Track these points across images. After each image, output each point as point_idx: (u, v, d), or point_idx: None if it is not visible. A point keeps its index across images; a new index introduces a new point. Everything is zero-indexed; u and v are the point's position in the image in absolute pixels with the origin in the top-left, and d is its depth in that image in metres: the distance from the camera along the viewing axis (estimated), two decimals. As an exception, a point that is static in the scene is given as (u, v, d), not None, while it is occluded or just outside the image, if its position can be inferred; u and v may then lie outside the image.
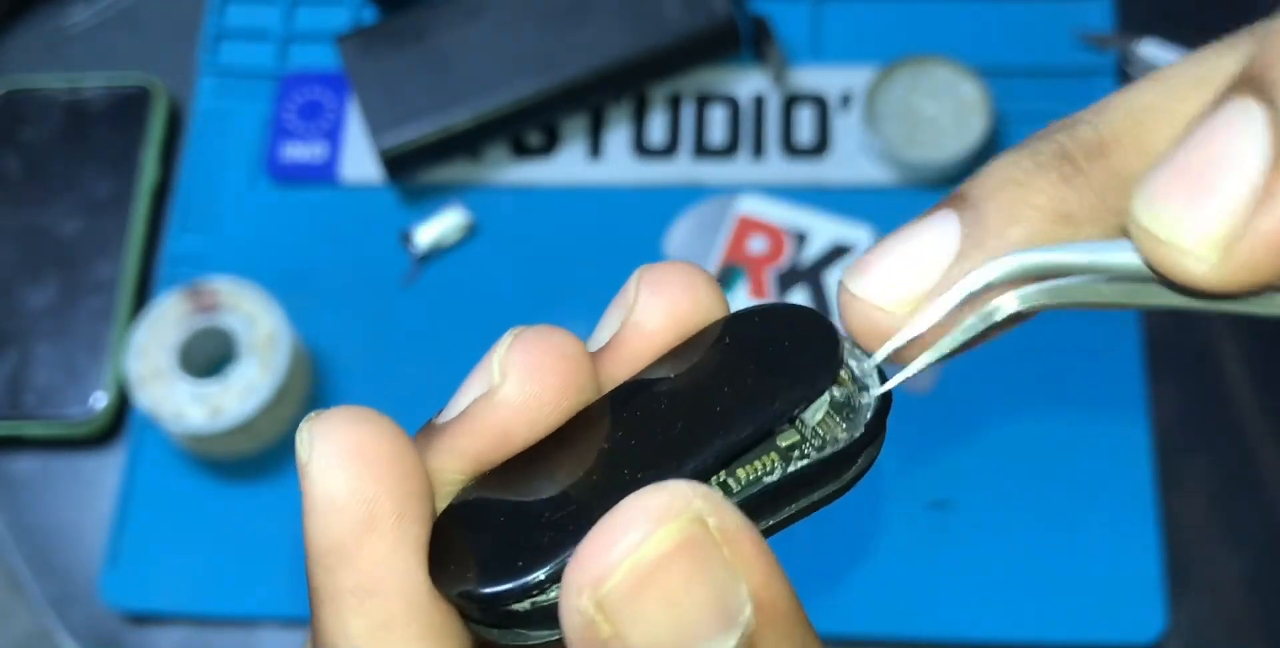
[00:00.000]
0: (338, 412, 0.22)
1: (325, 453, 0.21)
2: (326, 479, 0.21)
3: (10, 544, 0.63)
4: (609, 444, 0.21)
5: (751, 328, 0.22)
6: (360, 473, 0.20)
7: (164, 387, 0.59)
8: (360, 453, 0.21)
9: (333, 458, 0.21)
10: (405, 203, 0.68)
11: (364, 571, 0.20)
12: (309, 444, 0.21)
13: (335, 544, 0.20)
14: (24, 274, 0.67)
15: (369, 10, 0.72)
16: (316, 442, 0.21)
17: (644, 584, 0.17)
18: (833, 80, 0.68)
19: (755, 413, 0.20)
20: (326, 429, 0.21)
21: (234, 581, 0.61)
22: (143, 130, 0.70)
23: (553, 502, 0.21)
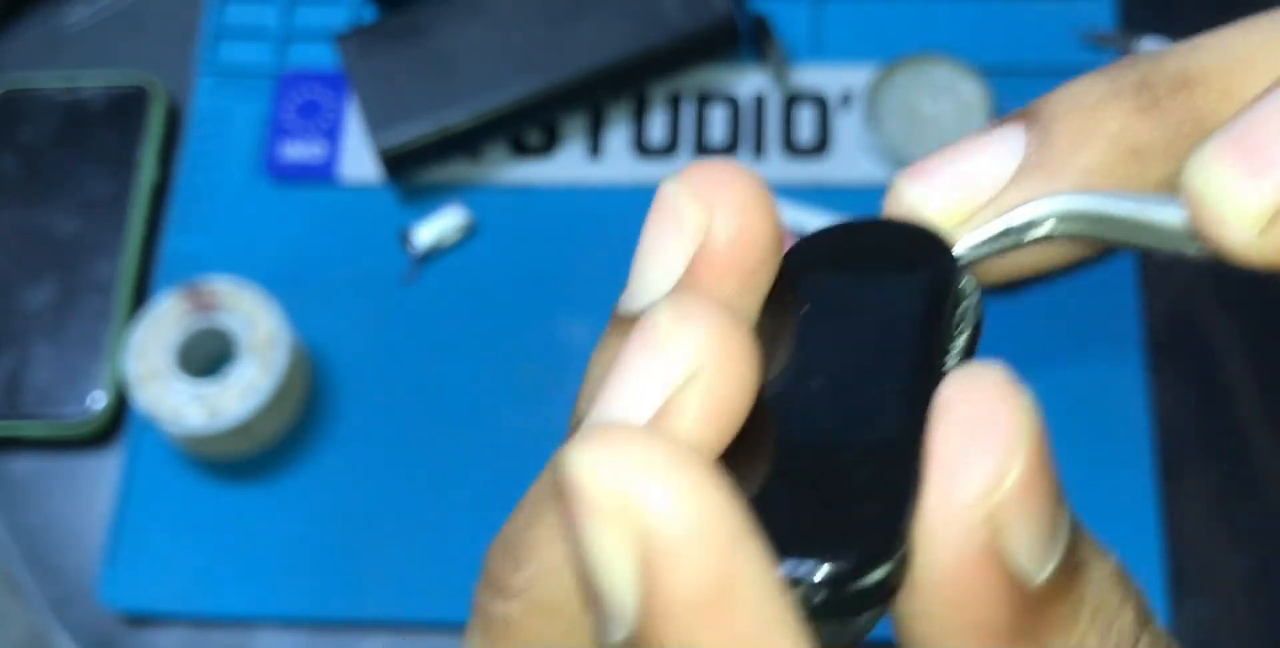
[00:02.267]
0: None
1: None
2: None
3: (8, 545, 0.63)
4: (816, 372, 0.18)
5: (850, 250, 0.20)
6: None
7: (162, 387, 0.58)
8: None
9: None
10: (405, 202, 0.68)
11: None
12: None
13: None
14: (22, 274, 0.67)
15: (368, 9, 0.71)
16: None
17: (1033, 479, 0.15)
18: (833, 79, 0.68)
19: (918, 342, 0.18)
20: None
21: (233, 581, 0.60)
22: (141, 130, 0.70)
23: (828, 447, 0.17)
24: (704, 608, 0.14)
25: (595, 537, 0.14)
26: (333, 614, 0.60)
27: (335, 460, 0.62)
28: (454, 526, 0.60)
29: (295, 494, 0.62)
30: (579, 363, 0.73)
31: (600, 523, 0.14)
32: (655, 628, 0.14)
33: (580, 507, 0.15)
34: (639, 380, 0.16)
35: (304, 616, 0.60)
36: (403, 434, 0.63)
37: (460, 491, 0.61)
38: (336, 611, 0.60)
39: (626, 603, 0.14)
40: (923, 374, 0.18)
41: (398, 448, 0.62)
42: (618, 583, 0.14)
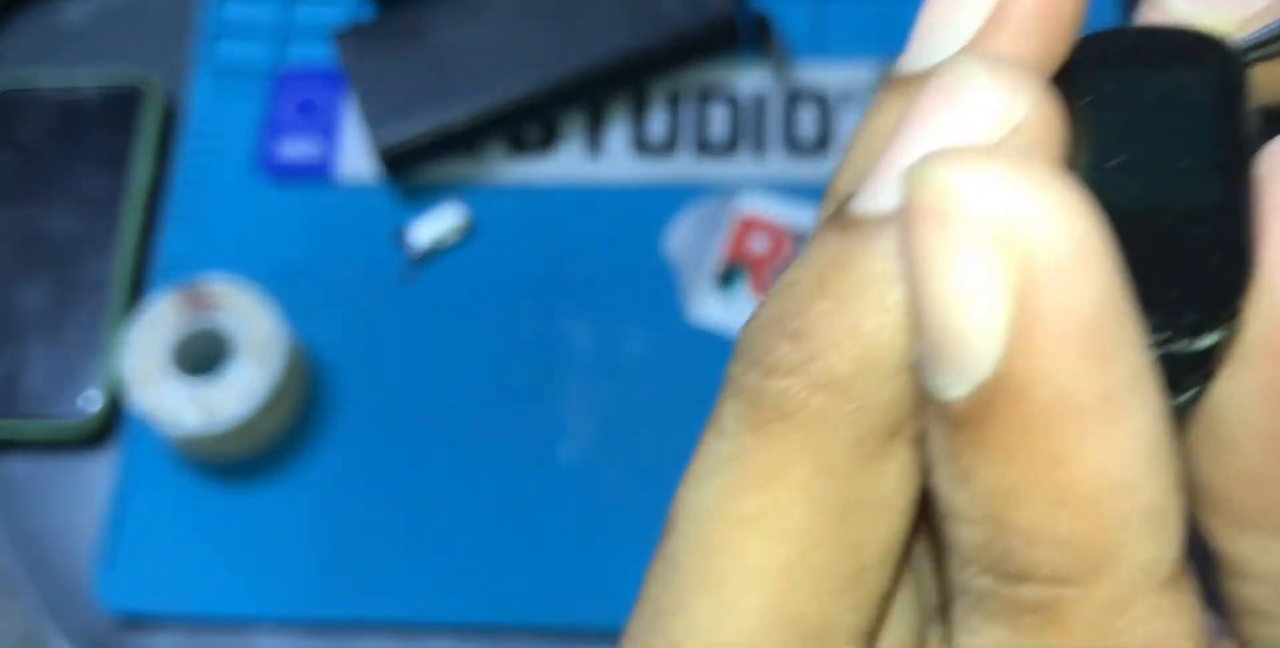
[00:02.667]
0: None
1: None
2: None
3: (4, 546, 0.63)
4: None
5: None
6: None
7: (159, 387, 0.58)
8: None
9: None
10: (403, 201, 0.67)
11: None
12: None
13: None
14: (17, 273, 0.66)
15: (366, 7, 0.71)
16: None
17: None
18: (835, 77, 0.68)
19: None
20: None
21: (230, 583, 0.60)
22: (137, 128, 0.69)
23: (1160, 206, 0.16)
24: (1084, 344, 0.13)
25: (961, 263, 0.13)
26: (330, 615, 0.60)
27: (332, 461, 0.62)
28: (452, 526, 0.60)
29: (292, 495, 0.61)
30: (579, 363, 0.73)
31: (971, 247, 0.13)
32: (1026, 373, 0.13)
33: (944, 229, 0.13)
34: (943, 133, 0.15)
35: (301, 617, 0.60)
36: (401, 435, 0.62)
37: (458, 491, 0.61)
38: (334, 612, 0.60)
39: (988, 343, 0.13)
40: (1232, 148, 0.16)
41: (395, 448, 0.62)
42: (983, 318, 0.13)
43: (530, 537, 0.60)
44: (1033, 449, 0.13)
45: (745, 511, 0.15)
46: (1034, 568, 0.14)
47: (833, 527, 0.15)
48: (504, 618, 0.59)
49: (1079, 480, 0.13)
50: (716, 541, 0.16)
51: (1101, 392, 0.13)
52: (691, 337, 0.63)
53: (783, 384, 0.15)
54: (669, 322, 0.63)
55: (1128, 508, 0.13)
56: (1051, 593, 0.14)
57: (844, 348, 0.15)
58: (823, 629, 0.15)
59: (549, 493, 0.61)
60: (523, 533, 0.60)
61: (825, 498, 0.15)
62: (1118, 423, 0.13)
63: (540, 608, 0.59)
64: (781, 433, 0.15)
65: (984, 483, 0.14)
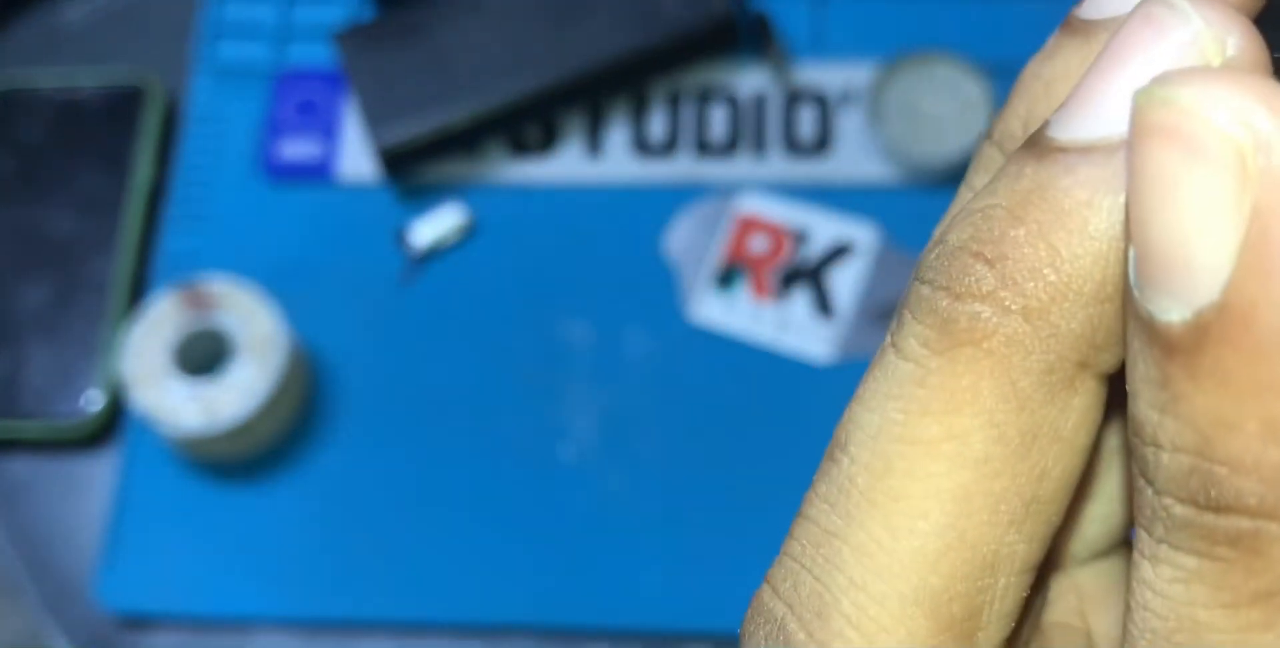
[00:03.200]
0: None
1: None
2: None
3: (4, 546, 0.63)
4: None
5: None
6: None
7: (159, 387, 0.58)
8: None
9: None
10: (403, 201, 0.67)
11: None
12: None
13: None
14: (18, 273, 0.67)
15: (366, 7, 0.71)
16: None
17: None
18: (835, 77, 0.68)
19: None
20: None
21: (230, 583, 0.60)
22: (138, 128, 0.69)
23: None
24: None
25: (1200, 182, 0.13)
26: (330, 615, 0.60)
27: (333, 461, 0.62)
28: (452, 526, 0.60)
29: (293, 495, 0.61)
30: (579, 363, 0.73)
31: (1212, 165, 0.13)
32: (1253, 300, 0.13)
33: (1180, 147, 0.13)
34: (1156, 62, 0.14)
35: (301, 617, 0.60)
36: (401, 435, 0.62)
37: (459, 491, 0.61)
38: (333, 611, 0.60)
39: (1218, 265, 0.13)
40: None
41: (396, 448, 0.62)
42: (1216, 238, 0.13)
43: (530, 536, 0.60)
44: (1251, 377, 0.13)
45: (926, 434, 0.15)
46: (1239, 498, 0.13)
47: (1014, 456, 0.15)
48: (504, 618, 0.59)
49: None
50: (894, 462, 0.15)
51: None
52: (691, 337, 0.63)
53: (976, 308, 0.15)
54: (669, 322, 0.63)
55: None
56: (1253, 525, 0.13)
57: (1042, 274, 0.15)
58: (995, 558, 0.15)
59: (549, 492, 0.61)
60: (523, 533, 0.60)
61: (1010, 426, 0.15)
62: None
63: (540, 608, 0.59)
64: (971, 358, 0.15)
65: (1194, 410, 0.13)
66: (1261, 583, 0.14)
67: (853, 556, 0.15)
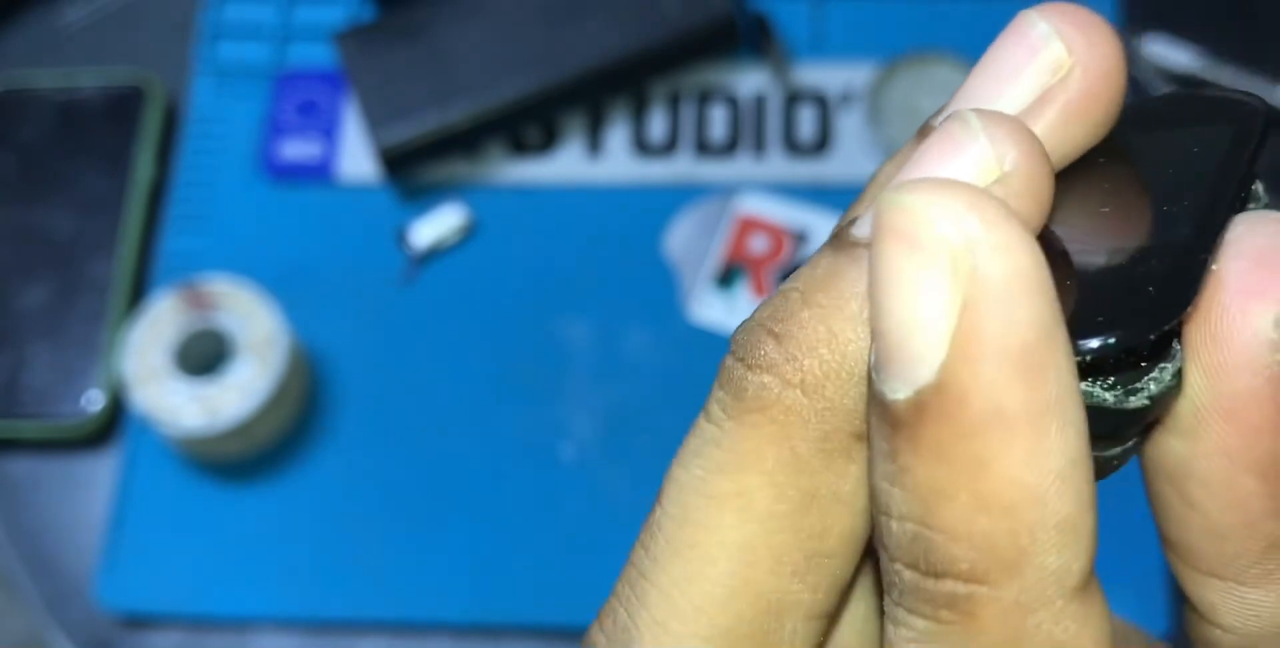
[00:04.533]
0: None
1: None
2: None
3: (5, 546, 0.63)
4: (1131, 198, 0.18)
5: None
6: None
7: (160, 387, 0.58)
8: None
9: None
10: (403, 202, 0.67)
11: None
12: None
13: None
14: (18, 273, 0.67)
15: (367, 8, 0.71)
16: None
17: None
18: (834, 78, 0.68)
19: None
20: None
21: (230, 583, 0.60)
22: (138, 128, 0.69)
23: (1133, 250, 0.17)
24: (1018, 364, 0.14)
25: (916, 277, 0.14)
26: (330, 615, 0.60)
27: (333, 461, 0.62)
28: (452, 526, 0.60)
29: (293, 495, 0.62)
30: (579, 362, 0.73)
31: (926, 263, 0.14)
32: (962, 382, 0.14)
33: (904, 246, 0.14)
34: (944, 168, 0.16)
35: (301, 616, 0.60)
36: (401, 434, 0.62)
37: (459, 491, 0.61)
38: (334, 611, 0.60)
39: (933, 350, 0.14)
40: (1218, 203, 0.17)
41: (396, 448, 0.62)
42: (930, 328, 0.14)
43: (530, 536, 0.60)
44: (961, 452, 0.14)
45: (719, 489, 0.17)
46: (952, 564, 0.15)
47: (794, 514, 0.17)
48: (503, 618, 0.59)
49: (1000, 486, 0.14)
50: (692, 513, 0.17)
51: (1029, 408, 0.14)
52: (691, 336, 0.63)
53: (763, 379, 0.16)
54: (669, 321, 0.63)
55: (1041, 517, 0.14)
56: (967, 590, 0.15)
57: (819, 353, 0.16)
58: (780, 605, 0.17)
59: (549, 492, 0.61)
60: (523, 532, 0.60)
61: (789, 487, 0.16)
62: (1040, 439, 0.14)
63: (540, 608, 0.59)
64: (756, 423, 0.16)
65: (915, 481, 0.15)
66: (981, 643, 0.15)
67: (656, 596, 0.17)
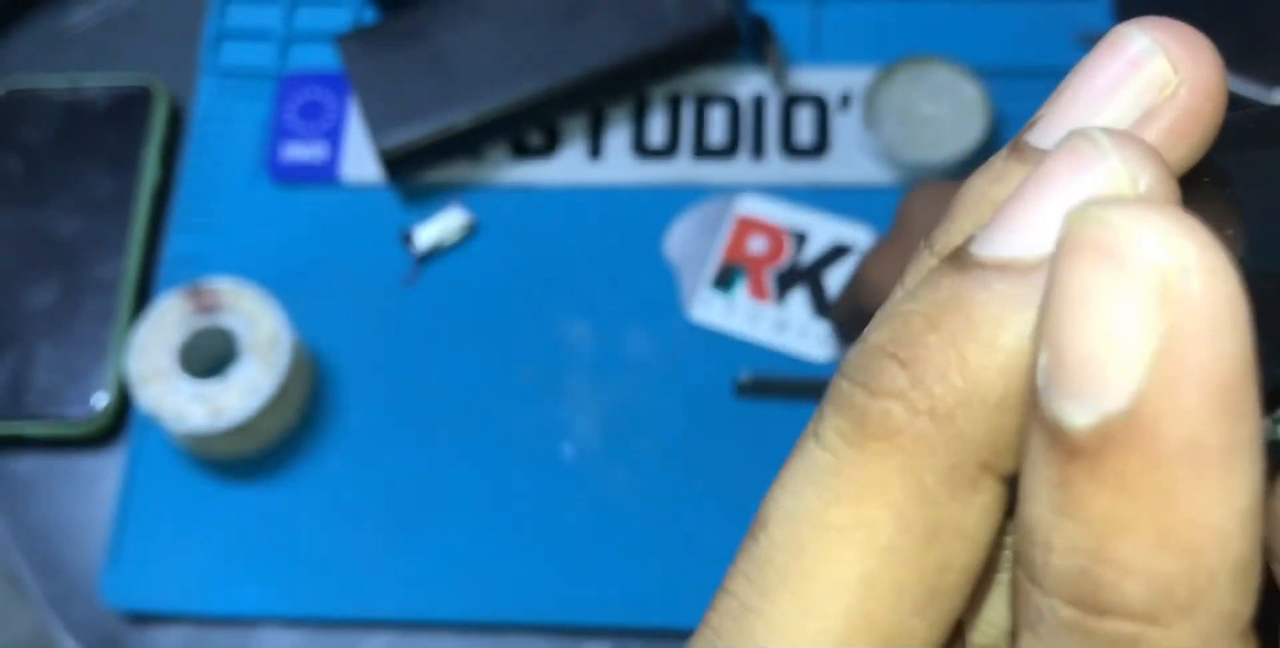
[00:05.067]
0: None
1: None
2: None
3: (11, 544, 0.63)
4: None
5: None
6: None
7: (165, 387, 0.59)
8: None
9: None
10: (406, 203, 0.68)
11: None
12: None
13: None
14: (25, 274, 0.67)
15: (369, 10, 0.72)
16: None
17: None
18: (832, 81, 0.69)
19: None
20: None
21: (235, 581, 0.61)
22: (143, 130, 0.70)
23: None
24: (1221, 397, 0.13)
25: (1115, 293, 0.14)
26: (334, 613, 0.60)
27: (336, 460, 0.63)
28: (454, 525, 0.61)
29: (297, 494, 0.62)
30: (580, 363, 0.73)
31: (1131, 281, 0.14)
32: (1159, 411, 0.13)
33: (1105, 263, 0.14)
34: (1074, 193, 0.15)
35: (305, 615, 0.60)
36: (404, 434, 0.63)
37: (461, 490, 0.61)
38: (338, 610, 0.60)
39: (1128, 375, 0.14)
40: None
41: (399, 448, 0.63)
42: (1128, 351, 0.14)
43: (532, 535, 0.60)
44: (1149, 486, 0.14)
45: (839, 520, 0.16)
46: (1125, 603, 0.14)
47: (918, 547, 0.16)
48: (506, 616, 0.59)
49: (1185, 524, 0.14)
50: (807, 544, 0.16)
51: (1225, 444, 0.14)
52: (691, 336, 0.64)
53: (888, 406, 0.16)
54: (669, 322, 0.64)
55: (1222, 558, 0.14)
56: (1135, 629, 0.14)
57: (950, 380, 0.15)
58: (898, 641, 0.16)
59: (550, 492, 0.61)
60: (524, 532, 0.61)
61: (914, 519, 0.16)
62: (1231, 477, 0.14)
63: (541, 607, 0.59)
64: (882, 453, 0.16)
65: (1093, 512, 0.14)
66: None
67: (766, 630, 0.16)
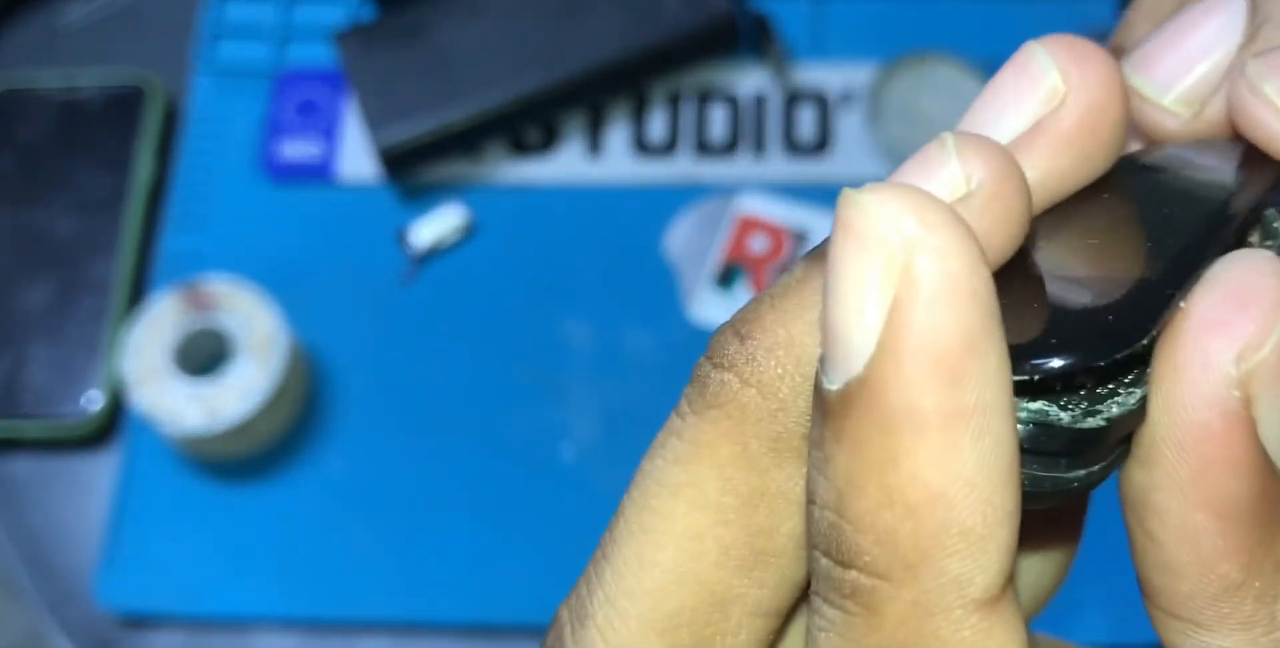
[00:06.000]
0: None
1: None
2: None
3: (5, 546, 0.63)
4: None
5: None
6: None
7: (160, 387, 0.58)
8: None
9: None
10: (403, 202, 0.67)
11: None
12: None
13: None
14: (19, 274, 0.67)
15: (367, 8, 0.71)
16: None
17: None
18: (834, 78, 0.68)
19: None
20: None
21: (230, 583, 0.60)
22: (138, 129, 0.69)
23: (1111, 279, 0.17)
24: (940, 364, 0.14)
25: (857, 268, 0.15)
26: (330, 615, 0.60)
27: (333, 461, 0.62)
28: (452, 526, 0.60)
29: (293, 495, 0.62)
30: (579, 362, 0.73)
31: (869, 257, 0.15)
32: (884, 377, 0.15)
33: (853, 242, 0.15)
34: (920, 178, 0.17)
35: (302, 616, 0.60)
36: (401, 434, 0.62)
37: (459, 491, 0.61)
38: (334, 611, 0.60)
39: (864, 343, 0.15)
40: (1204, 242, 0.17)
41: (396, 448, 0.62)
42: (863, 319, 0.15)
43: (531, 536, 0.60)
44: (876, 446, 0.15)
45: (674, 479, 0.17)
46: (858, 556, 0.15)
47: (743, 508, 0.17)
48: (504, 618, 0.59)
49: (905, 484, 0.15)
50: (650, 500, 0.18)
51: (941, 411, 0.15)
52: (691, 336, 0.63)
53: (725, 376, 0.17)
54: (669, 321, 0.64)
55: (944, 521, 0.15)
56: (869, 583, 0.15)
57: (776, 355, 0.17)
58: (725, 597, 0.17)
59: (550, 492, 0.61)
60: (523, 532, 0.60)
61: (739, 481, 0.17)
62: (951, 443, 0.15)
63: (541, 608, 0.59)
64: (714, 419, 0.17)
65: (835, 469, 0.15)
66: (878, 639, 0.15)
67: (611, 576, 0.18)
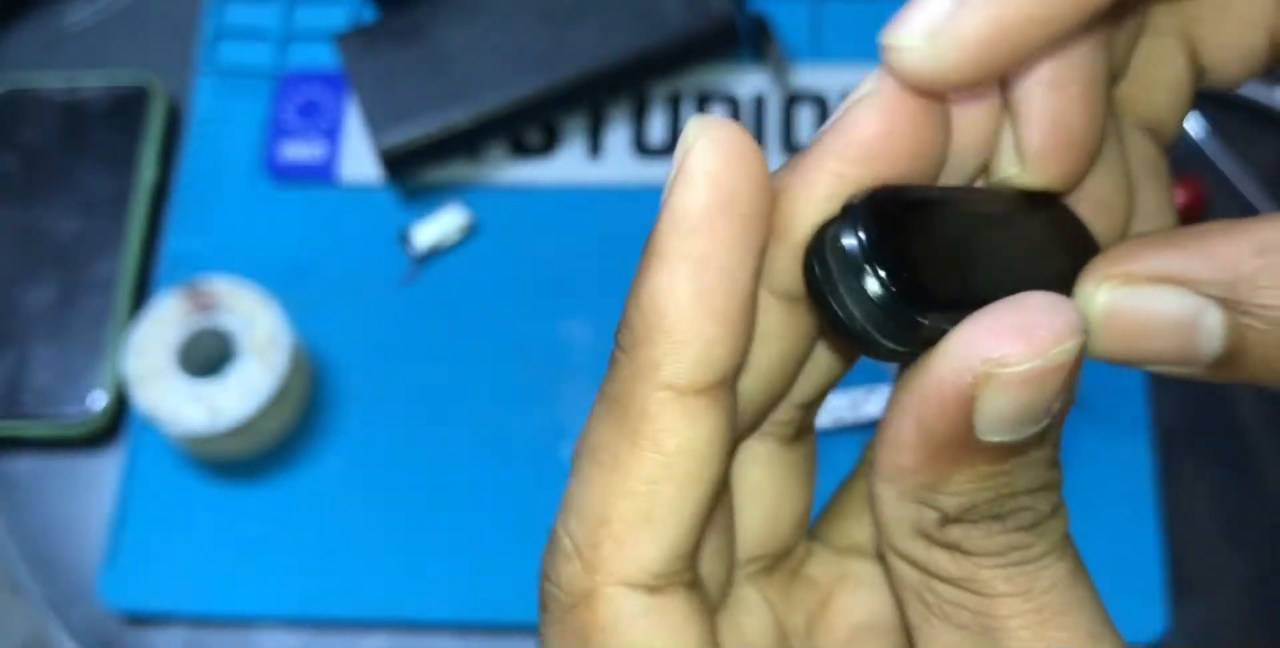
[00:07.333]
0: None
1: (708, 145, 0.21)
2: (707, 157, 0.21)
3: (9, 545, 0.63)
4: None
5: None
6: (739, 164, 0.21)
7: (163, 387, 0.58)
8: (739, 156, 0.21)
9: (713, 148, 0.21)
10: (404, 203, 0.68)
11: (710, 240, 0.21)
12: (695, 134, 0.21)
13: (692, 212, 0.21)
14: (22, 274, 0.67)
15: (368, 9, 0.71)
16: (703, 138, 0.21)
17: (1036, 378, 0.19)
18: (834, 79, 0.68)
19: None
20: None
21: (233, 581, 0.61)
22: (141, 130, 0.70)
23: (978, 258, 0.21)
24: (682, 220, 0.21)
25: (681, 160, 0.21)
26: (333, 614, 0.60)
27: (335, 460, 0.62)
28: (453, 525, 0.61)
29: (295, 494, 0.62)
30: (579, 363, 0.73)
31: (680, 157, 0.21)
32: (657, 229, 0.22)
33: (681, 147, 0.21)
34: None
35: (304, 615, 0.60)
36: (403, 434, 0.63)
37: (460, 490, 0.61)
38: (336, 610, 0.60)
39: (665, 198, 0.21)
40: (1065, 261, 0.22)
41: (397, 448, 0.62)
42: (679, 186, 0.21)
43: (531, 536, 0.60)
44: (642, 265, 0.22)
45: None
46: (619, 331, 0.23)
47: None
48: (505, 617, 0.59)
49: (641, 292, 0.22)
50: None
51: (680, 253, 0.21)
52: (691, 337, 0.63)
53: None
54: (669, 322, 0.64)
55: (652, 324, 0.22)
56: (615, 350, 0.23)
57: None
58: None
59: (550, 492, 0.61)
60: (524, 532, 0.60)
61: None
62: (672, 273, 0.21)
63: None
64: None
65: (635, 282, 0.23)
66: (613, 388, 0.23)
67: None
